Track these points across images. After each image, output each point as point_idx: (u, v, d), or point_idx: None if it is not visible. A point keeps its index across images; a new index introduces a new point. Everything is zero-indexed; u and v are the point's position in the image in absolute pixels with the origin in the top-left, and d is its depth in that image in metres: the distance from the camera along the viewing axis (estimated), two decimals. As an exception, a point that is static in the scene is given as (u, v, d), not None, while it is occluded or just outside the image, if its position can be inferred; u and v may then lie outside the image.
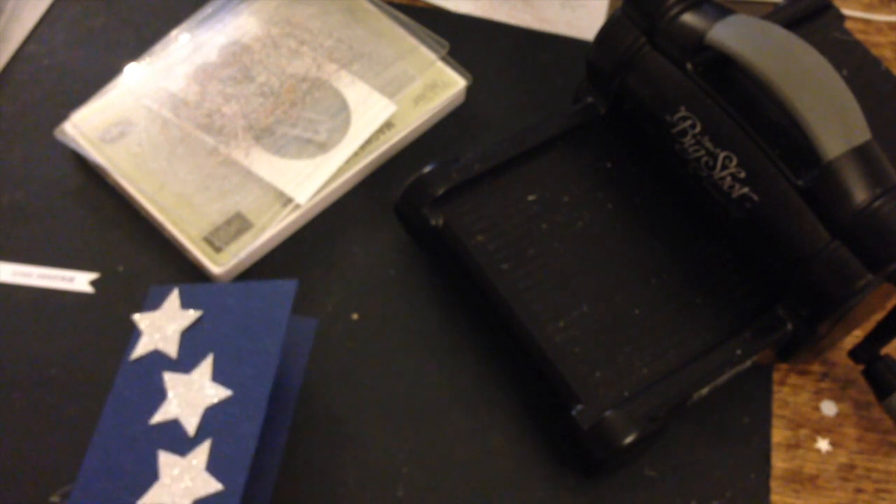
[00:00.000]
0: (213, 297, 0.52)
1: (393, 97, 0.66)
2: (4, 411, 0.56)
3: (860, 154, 0.52)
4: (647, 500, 0.56)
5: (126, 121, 0.64)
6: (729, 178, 0.55)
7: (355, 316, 0.61)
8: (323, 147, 0.64)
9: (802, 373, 0.61)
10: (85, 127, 0.64)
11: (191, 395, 0.49)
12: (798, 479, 0.57)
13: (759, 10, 0.72)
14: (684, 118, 0.56)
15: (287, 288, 0.52)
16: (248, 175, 0.62)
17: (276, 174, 0.62)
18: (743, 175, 0.54)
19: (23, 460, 0.55)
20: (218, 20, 0.69)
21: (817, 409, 0.60)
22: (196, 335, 0.51)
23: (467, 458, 0.57)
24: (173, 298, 0.53)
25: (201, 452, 0.47)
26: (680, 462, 0.57)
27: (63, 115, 0.64)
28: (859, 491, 0.57)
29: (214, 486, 0.47)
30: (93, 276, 0.61)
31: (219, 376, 0.50)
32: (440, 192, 0.59)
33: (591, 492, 0.56)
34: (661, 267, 0.59)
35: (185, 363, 0.50)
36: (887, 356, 0.57)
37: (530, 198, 0.60)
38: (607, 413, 0.52)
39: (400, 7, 0.71)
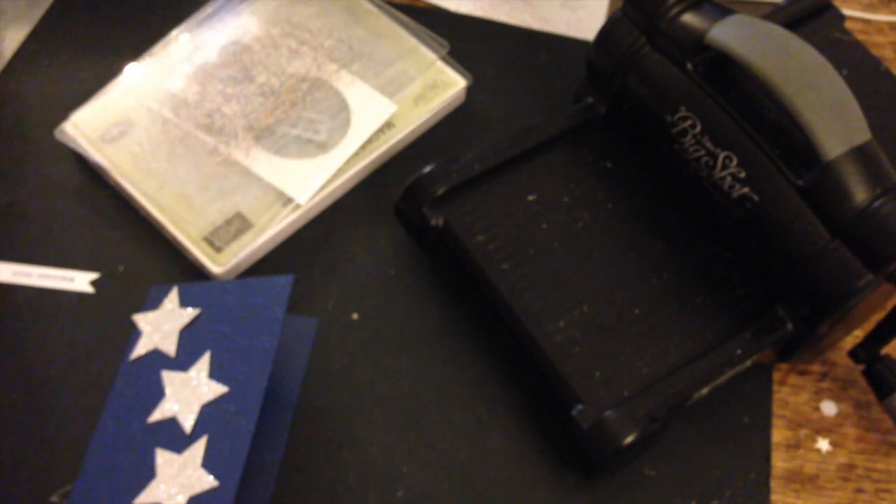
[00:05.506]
0: (211, 295, 0.52)
1: (393, 97, 0.66)
2: (5, 411, 0.56)
3: (860, 154, 0.52)
4: (647, 500, 0.56)
5: (126, 121, 0.64)
6: (729, 178, 0.55)
7: (355, 316, 0.61)
8: (323, 147, 0.64)
9: (802, 373, 0.61)
10: (85, 127, 0.64)
11: (188, 393, 0.49)
12: (798, 479, 0.57)
13: (759, 10, 0.72)
14: (684, 118, 0.56)
15: (283, 283, 0.52)
16: (249, 175, 0.62)
17: (276, 174, 0.62)
18: (743, 175, 0.54)
19: (23, 460, 0.55)
20: (218, 20, 0.69)
21: (817, 409, 0.60)
22: (194, 333, 0.51)
23: (467, 458, 0.57)
24: (172, 297, 0.53)
25: (197, 449, 0.48)
26: (680, 462, 0.57)
27: (63, 115, 0.64)
28: (859, 491, 0.57)
29: (210, 482, 0.47)
30: (93, 276, 0.61)
31: (216, 373, 0.50)
32: (440, 192, 0.59)
33: (591, 492, 0.56)
34: (661, 267, 0.59)
35: (183, 361, 0.50)
36: (887, 356, 0.57)
37: (530, 198, 0.60)
38: (607, 413, 0.52)
39: (400, 7, 0.71)
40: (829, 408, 0.60)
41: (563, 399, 0.54)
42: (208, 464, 0.47)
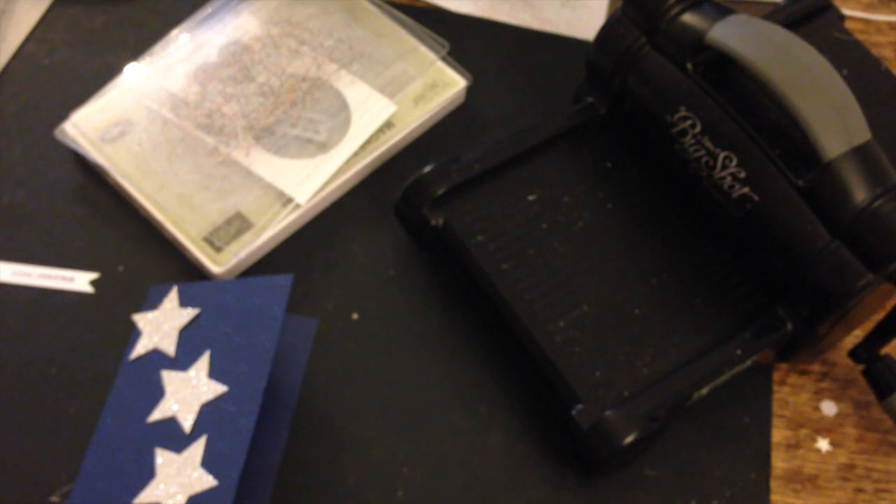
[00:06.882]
0: (210, 295, 0.52)
1: (393, 97, 0.66)
2: (5, 411, 0.56)
3: (860, 154, 0.52)
4: (647, 500, 0.56)
5: (126, 121, 0.64)
6: (729, 178, 0.55)
7: (355, 316, 0.61)
8: (323, 147, 0.64)
9: (802, 373, 0.61)
10: (85, 127, 0.64)
11: (187, 393, 0.49)
12: (798, 479, 0.57)
13: (759, 10, 0.72)
14: (684, 118, 0.56)
15: (283, 283, 0.52)
16: (248, 175, 0.62)
17: (276, 174, 0.62)
18: (743, 175, 0.54)
19: (23, 460, 0.55)
20: (218, 20, 0.69)
21: (817, 409, 0.60)
22: (194, 333, 0.51)
23: (467, 458, 0.57)
24: (172, 297, 0.53)
25: (197, 449, 0.48)
26: (680, 462, 0.57)
27: (63, 115, 0.64)
28: (859, 491, 0.57)
29: (209, 481, 0.47)
30: (93, 276, 0.61)
31: (215, 372, 0.50)
32: (440, 192, 0.59)
33: (591, 492, 0.56)
34: (661, 267, 0.59)
35: (182, 361, 0.50)
36: (887, 356, 0.57)
37: (530, 198, 0.60)
38: (607, 413, 0.52)
39: (400, 7, 0.71)
40: (829, 408, 0.60)
41: (563, 399, 0.54)
42: (208, 463, 0.47)
